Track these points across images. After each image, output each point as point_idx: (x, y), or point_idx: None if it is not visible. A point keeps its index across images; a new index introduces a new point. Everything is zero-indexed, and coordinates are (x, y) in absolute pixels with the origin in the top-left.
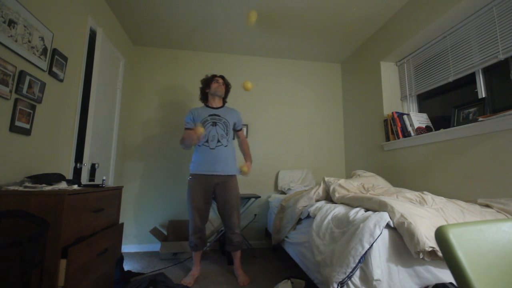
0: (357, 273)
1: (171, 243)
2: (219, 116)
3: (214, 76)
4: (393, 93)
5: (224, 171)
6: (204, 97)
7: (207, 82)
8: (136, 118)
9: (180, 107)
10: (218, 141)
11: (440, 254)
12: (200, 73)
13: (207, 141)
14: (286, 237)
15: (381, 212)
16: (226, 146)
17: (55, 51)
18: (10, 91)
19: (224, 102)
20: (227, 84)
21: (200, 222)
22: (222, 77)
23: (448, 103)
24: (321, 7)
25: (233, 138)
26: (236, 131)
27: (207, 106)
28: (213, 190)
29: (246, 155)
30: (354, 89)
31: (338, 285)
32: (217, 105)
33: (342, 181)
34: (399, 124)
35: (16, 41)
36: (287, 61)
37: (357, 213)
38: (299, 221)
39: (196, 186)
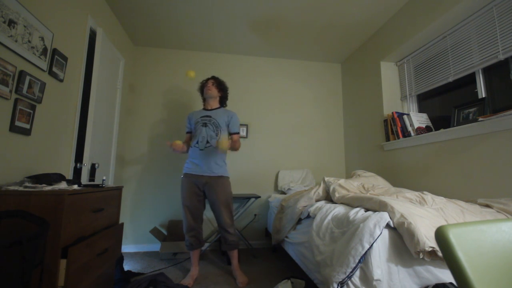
0: (357, 273)
1: (171, 243)
2: (210, 117)
3: (206, 81)
4: (393, 93)
5: (210, 172)
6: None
7: (201, 89)
8: (136, 118)
9: (180, 107)
10: (207, 142)
11: (440, 254)
12: (200, 73)
13: (197, 142)
14: (286, 237)
15: (381, 212)
16: (216, 147)
17: (55, 51)
18: (10, 91)
19: (223, 103)
20: (219, 83)
21: (193, 221)
22: (213, 77)
23: (448, 103)
24: (321, 8)
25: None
26: (230, 134)
27: (204, 109)
28: (203, 190)
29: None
30: (354, 89)
31: (338, 285)
32: (211, 107)
33: (342, 181)
34: (399, 124)
35: (16, 41)
36: (287, 61)
37: (357, 213)
38: (299, 221)
39: (187, 185)
